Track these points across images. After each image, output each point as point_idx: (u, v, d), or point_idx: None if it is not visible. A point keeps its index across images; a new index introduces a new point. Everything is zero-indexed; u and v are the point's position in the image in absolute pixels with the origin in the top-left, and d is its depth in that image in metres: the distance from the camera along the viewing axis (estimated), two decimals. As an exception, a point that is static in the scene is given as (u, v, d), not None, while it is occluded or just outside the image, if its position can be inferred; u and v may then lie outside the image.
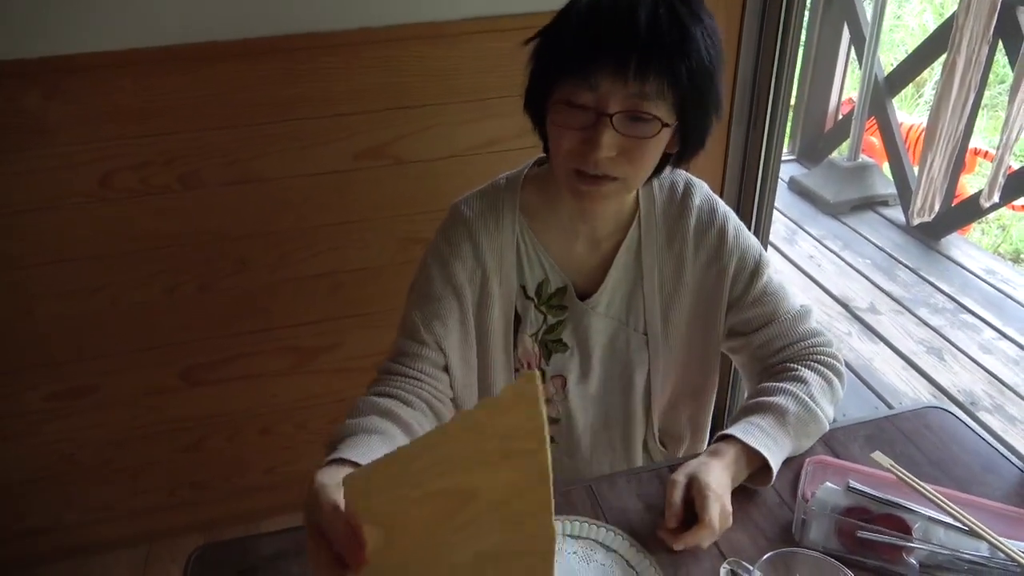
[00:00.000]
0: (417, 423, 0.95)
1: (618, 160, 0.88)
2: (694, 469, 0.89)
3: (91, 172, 1.53)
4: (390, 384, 0.98)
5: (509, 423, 0.59)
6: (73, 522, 1.93)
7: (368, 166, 1.66)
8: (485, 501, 0.61)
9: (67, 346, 1.70)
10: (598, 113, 0.86)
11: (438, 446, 0.64)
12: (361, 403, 0.95)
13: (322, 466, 0.81)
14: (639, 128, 0.87)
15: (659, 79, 0.84)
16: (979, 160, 3.77)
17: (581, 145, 0.88)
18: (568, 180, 0.92)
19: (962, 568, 0.83)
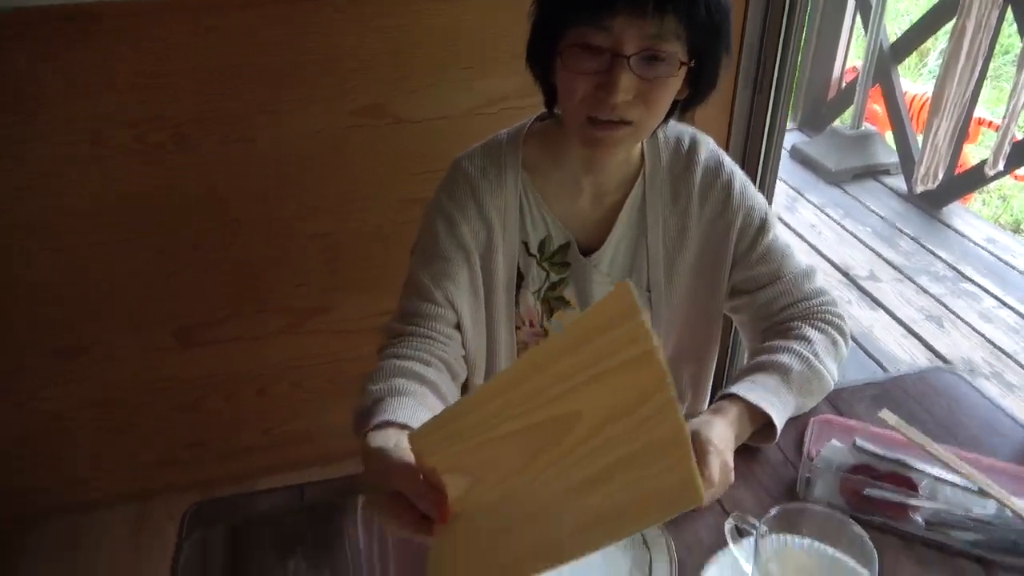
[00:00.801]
0: (440, 380, 0.92)
1: (634, 103, 0.85)
2: (696, 426, 0.87)
3: (84, 130, 1.50)
4: (406, 345, 0.95)
5: (610, 338, 0.57)
6: (69, 480, 1.93)
7: (366, 124, 1.63)
8: (589, 425, 0.59)
9: (60, 305, 1.68)
10: (614, 55, 0.82)
11: (516, 385, 0.62)
12: (379, 368, 0.92)
13: (366, 432, 0.79)
14: (657, 68, 0.84)
15: (677, 16, 0.81)
16: (983, 130, 3.73)
17: (595, 90, 0.85)
18: (581, 128, 0.89)
19: (968, 526, 0.82)
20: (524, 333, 1.09)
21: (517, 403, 0.62)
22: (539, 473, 0.62)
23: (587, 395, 0.59)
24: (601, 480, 0.58)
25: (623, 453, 0.57)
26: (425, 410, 0.86)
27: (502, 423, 0.63)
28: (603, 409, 0.58)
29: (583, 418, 0.59)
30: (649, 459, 0.56)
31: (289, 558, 0.84)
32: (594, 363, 0.58)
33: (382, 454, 0.73)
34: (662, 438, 0.55)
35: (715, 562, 0.77)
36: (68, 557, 1.85)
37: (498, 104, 1.66)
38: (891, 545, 0.83)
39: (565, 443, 0.60)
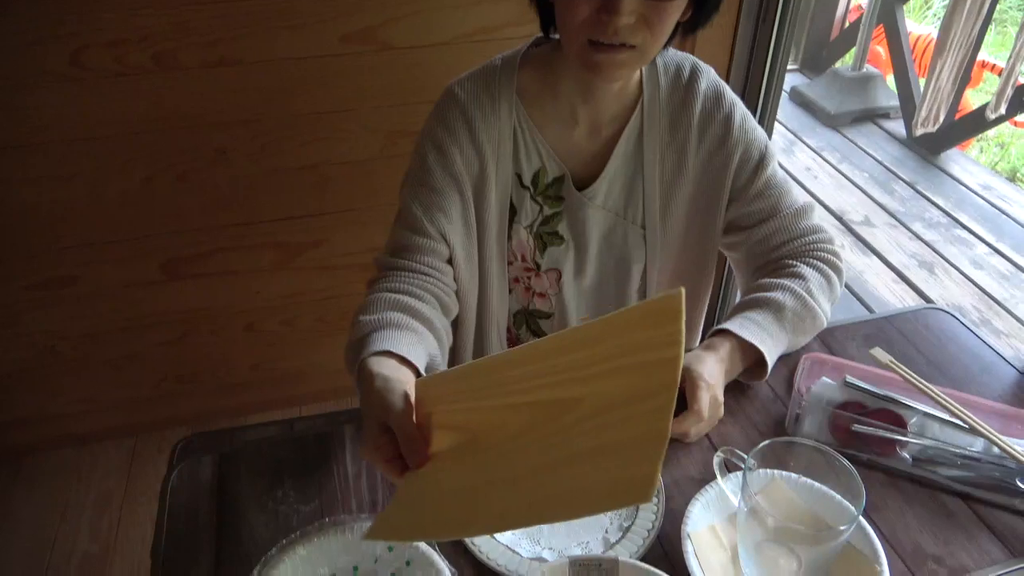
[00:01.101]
0: (433, 316, 0.91)
1: (636, 26, 0.81)
2: (687, 361, 0.87)
3: (61, 48, 1.44)
4: (398, 279, 0.93)
5: (643, 336, 0.58)
6: (58, 413, 1.92)
7: (355, 51, 1.57)
8: (586, 410, 0.60)
9: (42, 235, 1.64)
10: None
11: (536, 360, 0.64)
12: (372, 300, 0.90)
13: (363, 359, 0.78)
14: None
15: None
16: (985, 74, 3.67)
17: (596, 12, 0.81)
18: (581, 52, 0.85)
19: (954, 463, 0.82)
20: (516, 268, 1.07)
21: (531, 377, 0.63)
22: (525, 444, 0.63)
23: (597, 384, 0.60)
24: (577, 461, 0.59)
25: (607, 440, 0.57)
26: (421, 345, 0.85)
27: (511, 393, 0.64)
28: (605, 398, 0.59)
29: (584, 403, 0.60)
30: (626, 451, 0.56)
31: (277, 487, 0.84)
32: (618, 356, 0.59)
33: (386, 383, 0.73)
34: (646, 435, 0.55)
35: (703, 495, 0.78)
36: (60, 489, 1.86)
37: (492, 32, 1.60)
38: (877, 480, 0.83)
39: (560, 422, 0.61)
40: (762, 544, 0.71)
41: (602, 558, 0.68)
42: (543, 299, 1.09)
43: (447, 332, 0.96)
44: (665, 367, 0.56)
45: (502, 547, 0.76)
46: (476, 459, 0.66)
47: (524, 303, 1.11)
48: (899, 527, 0.78)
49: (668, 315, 0.56)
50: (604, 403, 0.59)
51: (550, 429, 0.61)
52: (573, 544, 0.77)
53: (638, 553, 0.74)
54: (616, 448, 0.57)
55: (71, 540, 1.75)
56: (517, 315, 1.12)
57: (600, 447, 0.58)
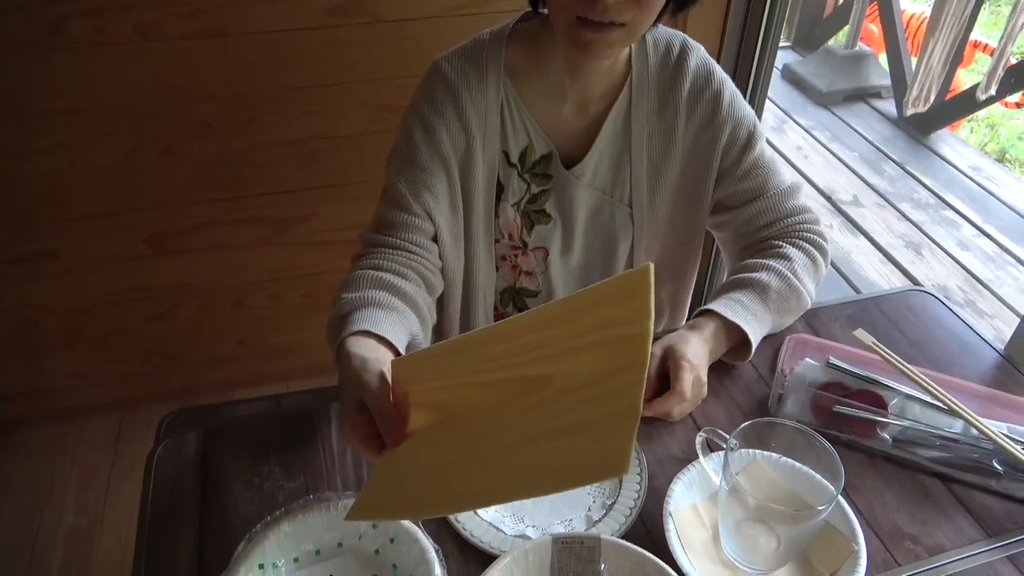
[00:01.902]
0: (416, 294, 0.91)
1: (626, 4, 0.81)
2: (672, 341, 0.87)
3: (41, 16, 1.41)
4: (382, 256, 0.93)
5: (613, 313, 0.59)
6: (44, 388, 1.92)
7: (343, 23, 1.55)
8: (558, 387, 0.60)
9: (25, 208, 1.62)
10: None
11: (510, 338, 0.65)
12: (355, 277, 0.90)
13: (343, 339, 0.78)
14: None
15: None
16: (977, 54, 3.67)
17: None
18: (570, 29, 0.84)
19: (933, 444, 0.83)
20: (503, 246, 1.06)
21: (504, 356, 0.64)
22: (500, 420, 0.63)
23: (569, 361, 0.60)
24: (553, 436, 0.59)
25: (581, 417, 0.58)
26: (401, 325, 0.85)
27: (485, 371, 0.65)
28: (577, 375, 0.59)
29: (556, 379, 0.60)
30: (600, 427, 0.56)
31: (263, 463, 0.84)
32: (589, 332, 0.60)
33: (363, 363, 0.73)
34: (617, 411, 0.55)
35: (685, 474, 0.78)
36: (46, 463, 1.86)
37: (483, 4, 1.58)
38: (858, 461, 0.84)
39: (534, 399, 0.61)
40: (742, 523, 0.72)
41: (585, 536, 0.69)
42: (530, 277, 1.09)
43: (430, 310, 0.96)
44: (635, 342, 0.56)
45: (485, 524, 0.76)
46: (453, 436, 0.66)
47: (511, 281, 1.11)
48: (877, 506, 0.80)
49: (637, 290, 0.57)
50: (577, 380, 0.59)
51: (524, 405, 0.62)
52: (556, 522, 0.78)
53: (620, 531, 0.75)
54: (590, 424, 0.57)
55: (58, 514, 1.76)
56: (504, 293, 1.12)
57: (575, 423, 0.58)
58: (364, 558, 0.73)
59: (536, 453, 0.59)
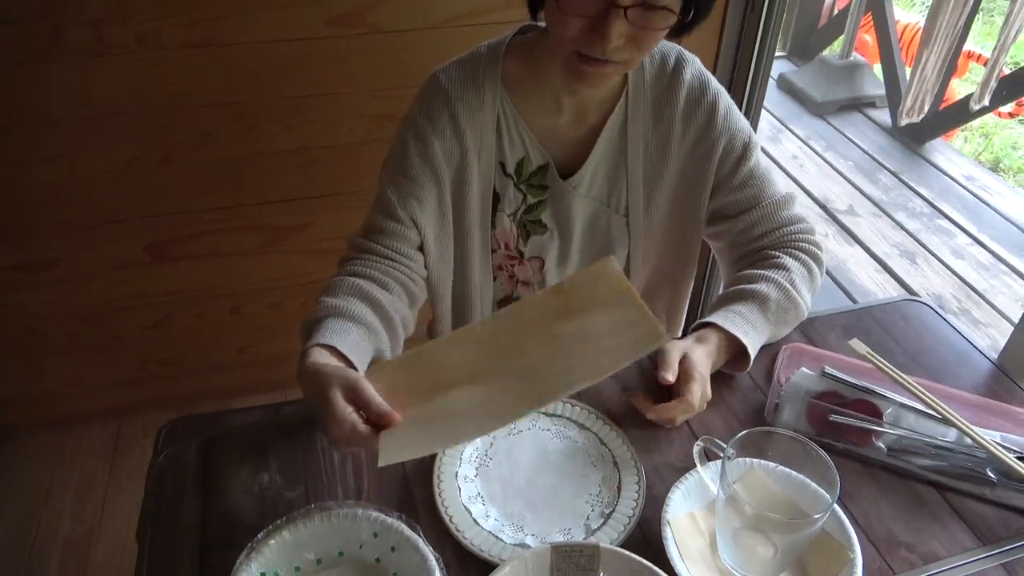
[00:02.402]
0: (392, 307, 0.93)
1: (624, 46, 0.83)
2: (686, 350, 0.88)
3: (40, 27, 1.42)
4: (365, 263, 0.95)
5: (591, 294, 0.76)
6: (42, 395, 1.92)
7: (342, 34, 1.56)
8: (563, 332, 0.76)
9: (25, 216, 1.63)
10: (610, 2, 0.79)
11: (488, 341, 0.77)
12: (337, 282, 0.91)
13: (308, 348, 0.80)
14: (651, 19, 0.81)
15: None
16: (971, 64, 3.69)
17: (587, 31, 0.82)
18: (569, 61, 0.86)
19: (928, 453, 0.84)
20: (500, 256, 1.07)
21: (485, 361, 0.76)
22: (511, 348, 0.76)
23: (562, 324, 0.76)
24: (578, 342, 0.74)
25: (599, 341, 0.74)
26: (367, 342, 0.86)
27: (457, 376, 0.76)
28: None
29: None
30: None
31: (263, 472, 0.84)
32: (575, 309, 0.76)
33: (336, 368, 0.77)
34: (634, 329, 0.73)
35: (683, 483, 0.79)
36: (44, 471, 1.86)
37: (482, 15, 1.59)
38: (853, 469, 0.85)
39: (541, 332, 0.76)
40: (739, 531, 0.73)
41: (583, 544, 0.70)
42: (527, 287, 1.10)
43: (405, 323, 0.97)
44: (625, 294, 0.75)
45: (485, 533, 0.77)
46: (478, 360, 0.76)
47: (508, 290, 1.11)
48: (873, 515, 0.80)
49: (603, 275, 0.77)
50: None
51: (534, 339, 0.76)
52: (555, 530, 0.78)
53: (619, 539, 0.76)
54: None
55: (55, 523, 1.75)
56: (502, 302, 1.13)
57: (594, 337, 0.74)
58: (365, 567, 0.73)
59: (567, 355, 0.73)
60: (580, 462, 0.85)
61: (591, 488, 0.82)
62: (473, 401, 0.72)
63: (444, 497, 0.80)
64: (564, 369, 0.72)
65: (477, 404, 0.72)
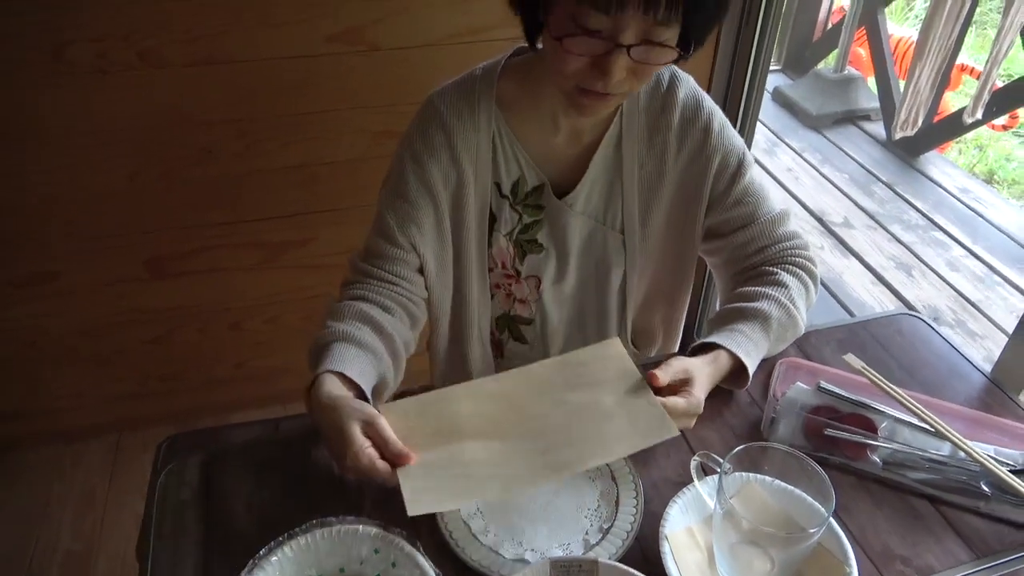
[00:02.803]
0: (395, 331, 0.95)
1: (625, 80, 0.85)
2: (695, 371, 0.87)
3: (44, 43, 1.43)
4: (367, 288, 0.97)
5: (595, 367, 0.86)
6: (41, 409, 1.92)
7: (341, 51, 1.58)
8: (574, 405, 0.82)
9: (24, 230, 1.64)
10: (613, 42, 0.80)
11: (500, 396, 0.83)
12: (342, 307, 0.94)
13: (319, 375, 0.83)
14: (653, 55, 0.82)
15: (684, 6, 0.78)
16: (964, 77, 3.73)
17: (588, 67, 0.83)
18: (570, 94, 0.88)
19: (923, 466, 0.85)
20: (497, 275, 1.08)
21: (498, 412, 0.82)
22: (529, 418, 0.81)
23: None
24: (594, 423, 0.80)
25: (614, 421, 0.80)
26: (373, 367, 0.89)
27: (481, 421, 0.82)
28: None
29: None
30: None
31: (264, 487, 0.85)
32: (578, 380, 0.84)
33: (348, 399, 0.80)
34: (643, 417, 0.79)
35: (680, 498, 0.80)
36: (43, 486, 1.86)
37: (479, 33, 1.61)
38: (848, 483, 0.86)
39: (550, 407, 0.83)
40: (737, 545, 0.73)
41: (582, 559, 0.71)
42: (524, 305, 1.11)
43: (406, 346, 0.99)
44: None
45: (485, 548, 0.78)
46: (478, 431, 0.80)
47: (506, 309, 1.12)
48: (868, 528, 0.81)
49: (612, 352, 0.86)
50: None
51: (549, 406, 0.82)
52: (554, 545, 0.79)
53: (617, 554, 0.76)
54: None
55: (54, 537, 1.75)
56: (499, 320, 1.14)
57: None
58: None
59: (579, 428, 0.79)
60: (578, 477, 0.86)
61: (590, 503, 0.83)
62: (490, 458, 0.77)
63: (444, 512, 0.80)
64: (578, 444, 0.78)
65: (495, 463, 0.77)
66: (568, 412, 0.81)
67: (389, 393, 0.96)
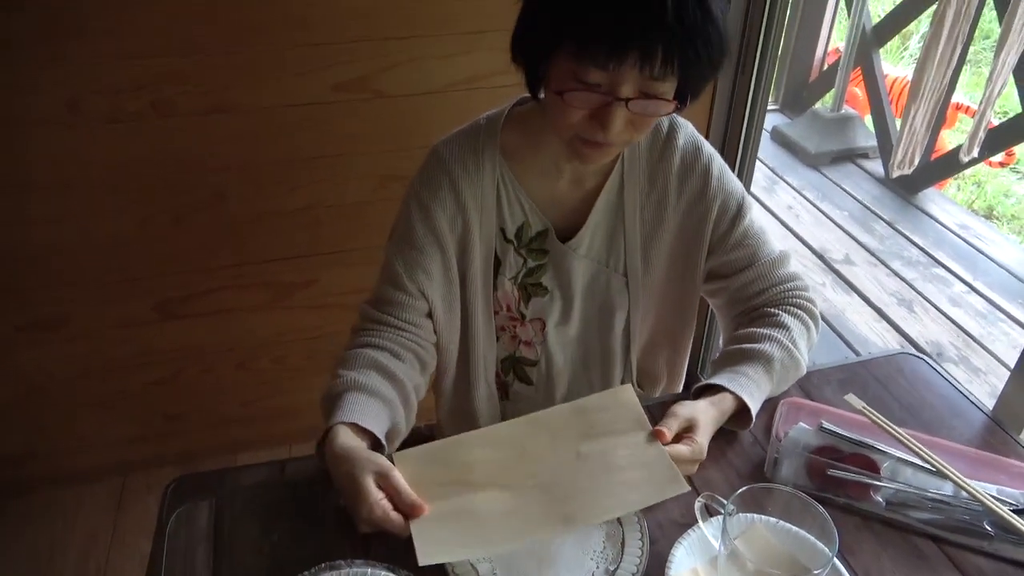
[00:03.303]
0: (407, 377, 0.97)
1: (625, 131, 0.88)
2: (695, 415, 0.89)
3: (58, 95, 1.47)
4: (378, 335, 0.99)
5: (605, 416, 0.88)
6: (46, 452, 1.92)
7: (348, 99, 1.62)
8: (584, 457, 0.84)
9: (35, 275, 1.66)
10: (612, 96, 0.84)
11: (510, 444, 0.85)
12: (354, 355, 0.96)
13: (333, 426, 0.86)
14: (650, 107, 0.86)
15: (680, 63, 0.82)
16: (960, 116, 3.78)
17: (588, 120, 0.87)
18: (571, 143, 0.91)
19: (926, 506, 0.86)
20: (502, 318, 1.10)
21: (509, 459, 0.84)
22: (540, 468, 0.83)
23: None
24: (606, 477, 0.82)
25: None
26: (386, 415, 0.92)
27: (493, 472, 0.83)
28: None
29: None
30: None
31: (273, 530, 0.85)
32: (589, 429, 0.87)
33: (362, 450, 0.83)
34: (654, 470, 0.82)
35: (685, 539, 0.80)
36: (47, 529, 1.85)
37: (481, 80, 1.65)
38: (852, 524, 0.86)
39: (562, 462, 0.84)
40: (742, 587, 0.74)
41: (588, 602, 0.71)
42: (529, 347, 1.12)
43: (417, 391, 1.01)
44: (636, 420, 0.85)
45: (491, 591, 0.78)
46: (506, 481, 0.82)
47: (511, 351, 1.14)
48: (873, 569, 0.81)
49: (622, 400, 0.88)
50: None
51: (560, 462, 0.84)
52: (560, 588, 0.79)
53: (623, 596, 0.77)
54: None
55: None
56: (504, 362, 1.15)
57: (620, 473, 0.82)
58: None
59: (591, 480, 0.81)
60: (584, 519, 0.86)
61: (595, 544, 0.83)
62: (502, 508, 0.79)
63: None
64: (592, 496, 0.80)
65: (507, 512, 0.78)
66: (581, 463, 0.82)
67: (401, 438, 0.97)
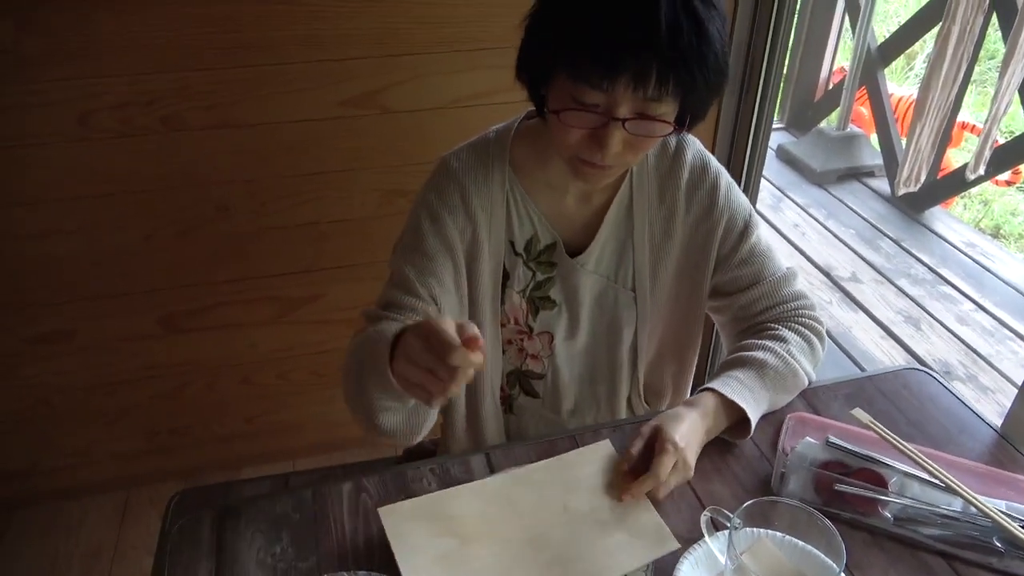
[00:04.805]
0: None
1: (623, 152, 0.88)
2: (662, 421, 0.89)
3: (69, 111, 1.49)
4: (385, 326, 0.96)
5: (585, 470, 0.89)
6: (51, 466, 1.92)
7: (354, 115, 1.63)
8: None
9: (42, 289, 1.67)
10: (608, 116, 0.84)
11: (498, 498, 0.85)
12: (362, 336, 0.94)
13: (390, 354, 0.80)
14: (648, 128, 0.86)
15: (675, 85, 0.82)
16: (965, 134, 3.79)
17: (587, 140, 0.87)
18: (571, 163, 0.92)
19: (934, 522, 0.85)
20: (509, 330, 1.10)
21: (500, 513, 0.84)
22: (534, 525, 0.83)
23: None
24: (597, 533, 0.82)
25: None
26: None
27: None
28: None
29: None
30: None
31: (276, 543, 0.85)
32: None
33: (416, 327, 0.76)
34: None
35: (692, 553, 0.79)
36: (50, 543, 1.85)
37: (486, 97, 1.67)
38: (860, 539, 0.85)
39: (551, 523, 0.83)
40: (748, 602, 0.73)
41: (592, 616, 0.70)
42: (536, 360, 1.12)
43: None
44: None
45: (495, 605, 0.77)
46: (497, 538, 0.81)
47: (517, 364, 1.14)
48: (882, 586, 0.80)
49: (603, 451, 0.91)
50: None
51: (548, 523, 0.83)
52: (565, 602, 0.78)
53: (628, 611, 0.76)
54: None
55: (60, 596, 1.73)
56: (510, 375, 1.15)
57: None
58: (375, 640, 0.73)
59: (580, 537, 0.81)
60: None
61: (600, 559, 0.83)
62: (496, 564, 0.78)
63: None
64: (585, 559, 0.79)
65: (501, 569, 0.78)
66: (570, 521, 0.83)
67: (431, 424, 0.95)
